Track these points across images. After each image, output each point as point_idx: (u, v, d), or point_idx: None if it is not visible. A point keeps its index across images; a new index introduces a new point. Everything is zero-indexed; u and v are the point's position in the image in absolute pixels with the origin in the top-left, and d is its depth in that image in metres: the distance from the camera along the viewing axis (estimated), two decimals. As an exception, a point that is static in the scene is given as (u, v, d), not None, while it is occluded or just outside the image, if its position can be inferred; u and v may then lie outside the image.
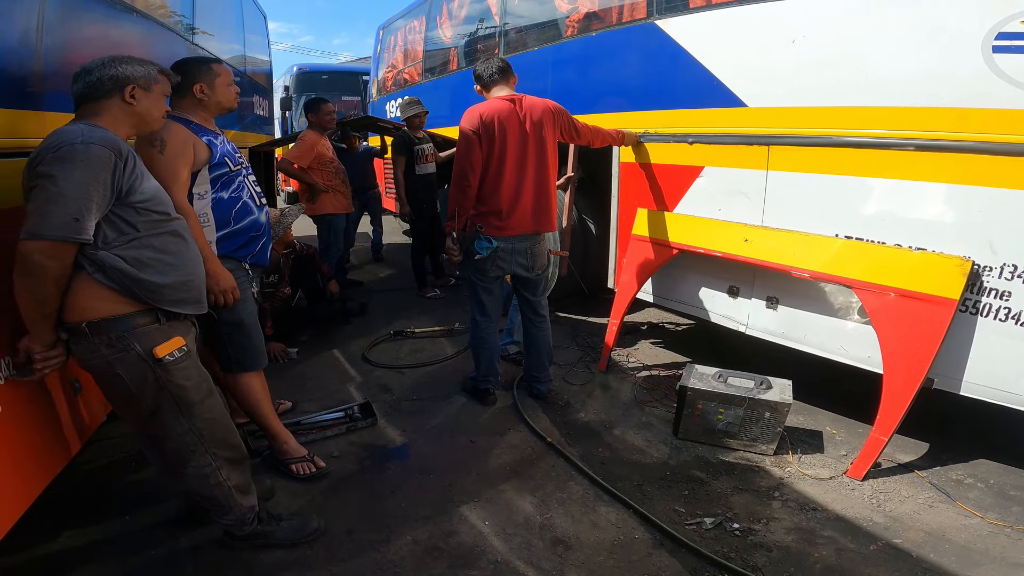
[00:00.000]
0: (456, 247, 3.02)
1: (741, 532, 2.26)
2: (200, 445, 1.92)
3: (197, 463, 1.94)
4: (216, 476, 1.97)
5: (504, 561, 2.14)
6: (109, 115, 1.75)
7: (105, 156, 1.61)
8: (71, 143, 1.57)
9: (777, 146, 2.90)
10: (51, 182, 1.54)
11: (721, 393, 2.73)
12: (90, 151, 1.58)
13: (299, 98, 12.06)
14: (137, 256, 1.72)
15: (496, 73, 3.00)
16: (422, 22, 7.21)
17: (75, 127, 1.64)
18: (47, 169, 1.55)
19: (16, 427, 1.81)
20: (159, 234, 1.78)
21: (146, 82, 1.81)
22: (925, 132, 2.39)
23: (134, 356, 1.74)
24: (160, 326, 1.80)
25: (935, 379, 2.45)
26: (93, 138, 1.60)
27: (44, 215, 1.54)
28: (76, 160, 1.56)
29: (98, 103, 1.74)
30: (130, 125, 1.82)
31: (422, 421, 3.16)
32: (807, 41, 2.74)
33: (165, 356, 1.78)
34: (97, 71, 1.74)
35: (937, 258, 2.39)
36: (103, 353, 1.72)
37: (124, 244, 1.70)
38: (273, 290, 4.10)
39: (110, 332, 1.71)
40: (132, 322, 1.74)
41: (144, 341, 1.76)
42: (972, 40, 2.22)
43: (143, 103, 1.81)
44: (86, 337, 1.70)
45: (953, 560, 2.11)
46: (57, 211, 1.54)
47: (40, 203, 1.55)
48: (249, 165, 2.50)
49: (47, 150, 1.56)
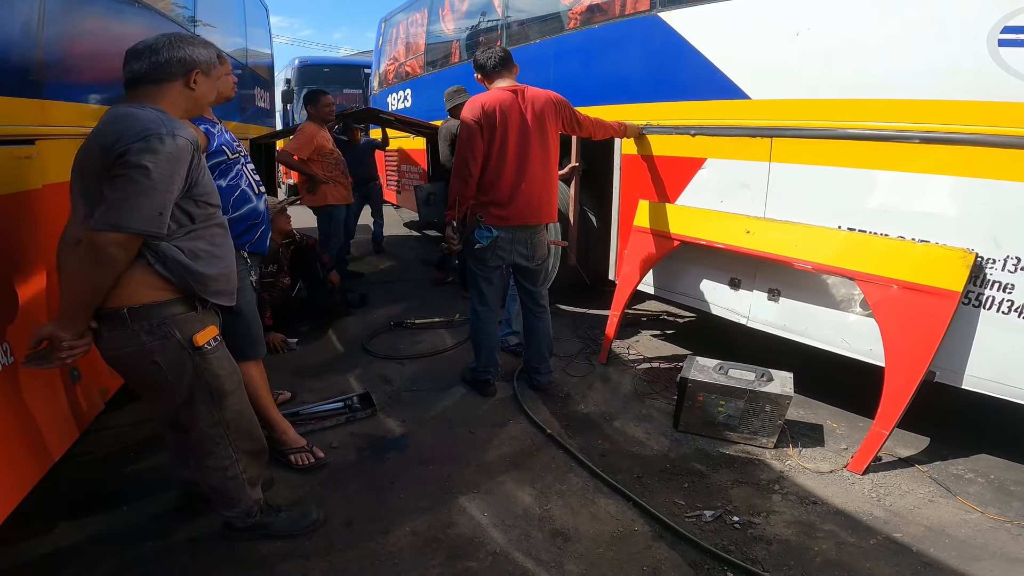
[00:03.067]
0: (456, 236, 3.01)
1: (741, 525, 2.26)
2: (225, 437, 1.91)
3: (219, 455, 1.92)
4: (234, 469, 1.96)
5: (503, 552, 2.13)
6: (168, 99, 1.68)
7: (188, 150, 1.59)
8: (159, 134, 1.51)
9: (780, 138, 2.88)
10: (143, 174, 1.49)
11: (722, 385, 2.72)
12: (178, 144, 1.55)
13: (300, 91, 12.01)
14: (192, 248, 1.70)
15: (498, 63, 2.99)
16: (424, 15, 7.19)
17: (151, 114, 1.56)
18: (137, 159, 1.48)
19: (13, 415, 1.80)
20: (210, 226, 1.76)
21: (207, 66, 1.75)
22: (930, 125, 2.37)
23: (175, 343, 1.71)
24: (197, 314, 1.77)
25: (937, 372, 2.44)
26: (178, 130, 1.56)
27: (132, 208, 1.50)
28: (165, 152, 1.52)
29: (161, 86, 1.67)
30: (184, 110, 1.75)
31: (421, 412, 3.16)
32: (812, 33, 2.72)
33: (204, 344, 1.76)
34: (165, 51, 1.65)
35: (940, 250, 2.37)
36: (142, 340, 1.68)
37: (182, 236, 1.68)
38: (272, 280, 4.09)
39: (151, 318, 1.67)
40: (173, 309, 1.71)
41: (184, 328, 1.73)
42: (978, 33, 2.20)
43: (202, 88, 1.75)
44: (124, 323, 1.65)
45: (953, 555, 2.10)
46: (146, 204, 1.51)
47: (128, 194, 1.50)
48: (248, 154, 2.49)
49: (130, 138, 1.49)
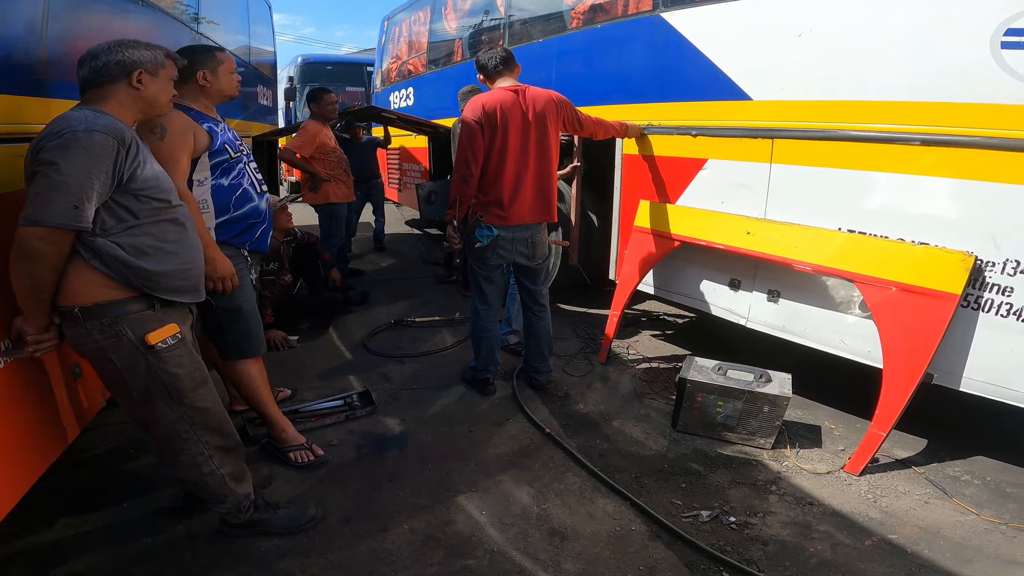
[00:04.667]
0: (457, 235, 3.02)
1: (737, 525, 2.26)
2: (192, 433, 1.91)
3: (189, 451, 1.93)
4: (209, 464, 1.97)
5: (500, 551, 2.14)
6: (115, 101, 1.73)
7: (108, 144, 1.60)
8: (74, 130, 1.55)
9: (782, 139, 2.88)
10: (53, 169, 1.53)
11: (720, 386, 2.72)
12: (93, 138, 1.57)
13: (303, 88, 12.02)
14: (135, 243, 1.71)
15: (500, 63, 2.99)
16: (427, 13, 7.19)
17: (80, 113, 1.62)
18: (49, 156, 1.53)
19: (15, 411, 1.80)
20: (158, 221, 1.77)
21: (153, 67, 1.79)
22: (932, 127, 2.37)
23: (126, 342, 1.74)
24: (154, 312, 1.79)
25: (935, 375, 2.45)
26: (96, 125, 1.59)
27: (44, 202, 1.54)
28: (79, 148, 1.55)
29: (104, 88, 1.72)
30: (137, 110, 1.80)
31: (421, 410, 3.16)
32: (814, 35, 2.72)
33: (157, 343, 1.77)
34: (103, 56, 1.71)
35: (940, 253, 2.37)
36: (95, 338, 1.72)
37: (122, 231, 1.69)
38: (273, 278, 4.10)
39: (102, 317, 1.70)
40: (125, 308, 1.73)
41: (136, 328, 1.75)
42: (981, 35, 2.20)
43: (150, 88, 1.79)
44: (78, 322, 1.69)
45: (948, 556, 2.11)
46: (57, 198, 1.54)
47: (41, 190, 1.54)
48: (250, 152, 2.49)
49: (49, 136, 1.55)
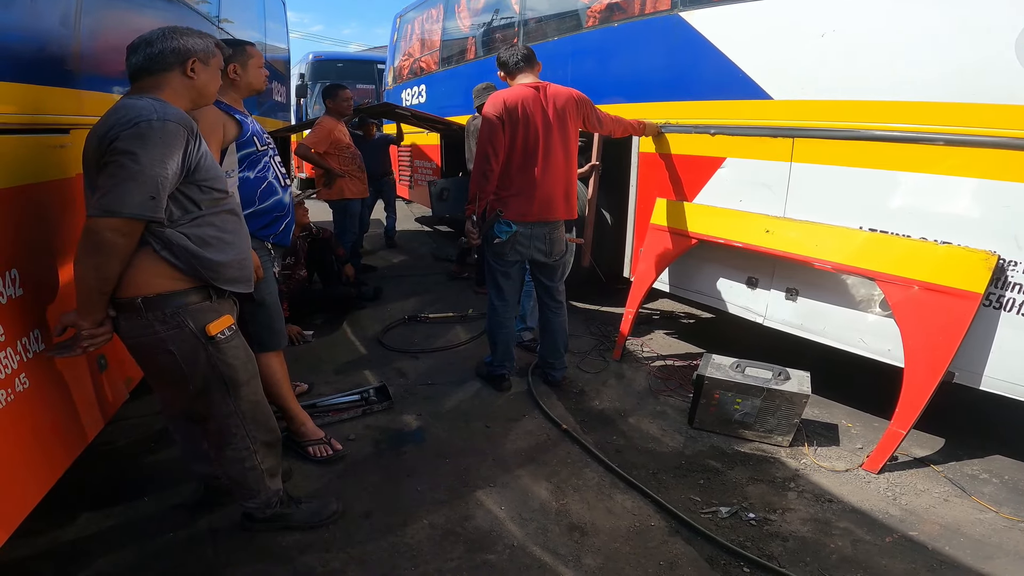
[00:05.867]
0: (475, 230, 3.03)
1: (757, 522, 2.27)
2: (242, 427, 1.92)
3: (236, 446, 1.94)
4: (252, 460, 1.98)
5: (521, 546, 2.15)
6: (170, 88, 1.71)
7: (181, 134, 1.59)
8: (147, 119, 1.53)
9: (803, 138, 2.88)
10: (131, 159, 1.51)
11: (739, 383, 2.73)
12: (167, 128, 1.56)
13: (314, 85, 12.05)
14: (200, 234, 1.71)
15: (521, 60, 3.01)
16: (440, 11, 7.20)
17: (146, 102, 1.59)
18: (125, 146, 1.51)
19: (42, 404, 1.81)
20: (218, 212, 1.77)
21: (205, 55, 1.77)
22: (955, 127, 2.37)
23: (187, 333, 1.73)
24: (211, 303, 1.79)
25: (956, 373, 2.44)
26: (169, 115, 1.58)
27: (122, 192, 1.52)
28: (154, 137, 1.53)
29: (159, 76, 1.70)
30: (189, 99, 1.77)
31: (437, 406, 3.18)
32: (837, 35, 2.72)
33: (217, 334, 1.77)
34: (159, 43, 1.68)
35: (962, 252, 2.37)
36: (156, 329, 1.70)
37: (188, 222, 1.69)
38: (289, 272, 4.13)
39: (164, 308, 1.69)
40: (186, 299, 1.73)
41: (197, 318, 1.74)
42: (1004, 36, 2.20)
43: (202, 76, 1.77)
44: (139, 313, 1.67)
45: (968, 553, 2.12)
46: (135, 188, 1.52)
47: (117, 180, 1.52)
48: (275, 146, 2.51)
49: (121, 125, 1.52)
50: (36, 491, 1.74)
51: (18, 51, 1.78)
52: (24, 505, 1.67)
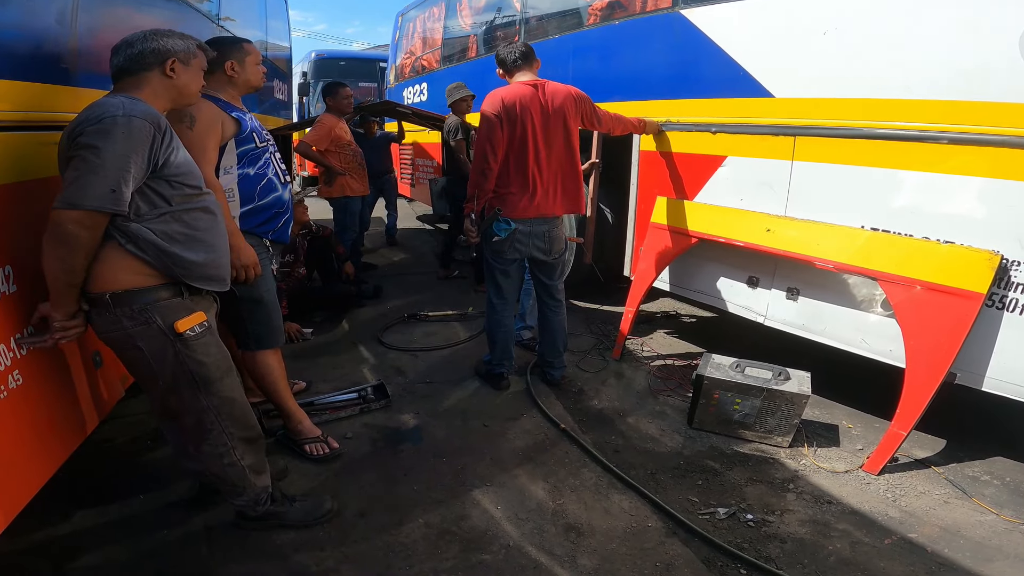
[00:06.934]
0: (474, 228, 3.02)
1: (755, 523, 2.25)
2: (217, 423, 1.92)
3: (213, 442, 1.94)
4: (231, 456, 1.98)
5: (516, 546, 2.13)
6: (149, 88, 1.75)
7: (146, 129, 1.62)
8: (112, 115, 1.57)
9: (804, 137, 2.86)
10: (92, 153, 1.54)
11: (739, 383, 2.71)
12: (132, 124, 1.59)
13: (316, 83, 12.04)
14: (166, 230, 1.72)
15: (519, 58, 2.99)
16: (442, 9, 7.19)
17: (116, 100, 1.63)
18: (88, 140, 1.55)
19: (36, 400, 1.81)
20: (190, 209, 1.78)
21: (186, 56, 1.81)
22: (959, 126, 2.35)
23: (155, 329, 1.75)
24: (183, 300, 1.80)
25: (957, 374, 2.42)
26: (135, 111, 1.61)
27: (83, 185, 1.55)
28: (117, 133, 1.56)
29: (138, 76, 1.74)
30: (169, 99, 1.82)
31: (435, 404, 3.17)
32: (839, 33, 2.69)
33: (186, 331, 1.78)
34: (139, 44, 1.74)
35: (965, 251, 2.35)
36: (124, 325, 1.72)
37: (155, 217, 1.71)
38: (288, 269, 4.12)
39: (132, 304, 1.71)
40: (155, 295, 1.74)
41: (166, 315, 1.76)
42: (1009, 35, 2.17)
43: (182, 77, 1.81)
44: (108, 308, 1.70)
45: (968, 555, 2.10)
46: (96, 182, 1.55)
47: (80, 173, 1.55)
48: (275, 143, 2.50)
49: (88, 122, 1.56)
50: (29, 488, 1.74)
51: (13, 48, 1.78)
52: (17, 500, 1.67)
